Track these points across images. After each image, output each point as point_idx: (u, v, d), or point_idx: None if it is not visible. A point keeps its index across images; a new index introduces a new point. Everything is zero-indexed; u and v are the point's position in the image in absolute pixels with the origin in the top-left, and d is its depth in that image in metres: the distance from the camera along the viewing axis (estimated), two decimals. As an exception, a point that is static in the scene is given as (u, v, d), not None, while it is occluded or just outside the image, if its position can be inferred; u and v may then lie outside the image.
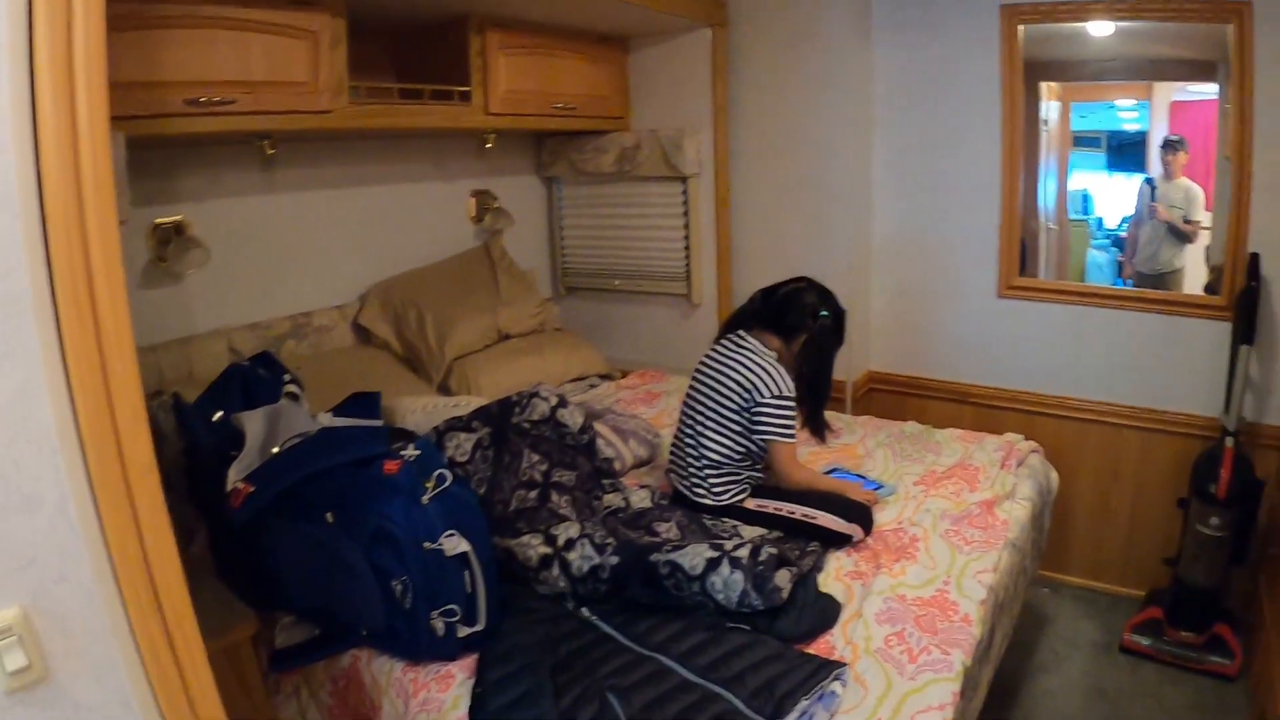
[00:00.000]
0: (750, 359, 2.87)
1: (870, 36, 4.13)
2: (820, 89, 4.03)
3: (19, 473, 1.19)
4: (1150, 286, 3.98)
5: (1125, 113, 4.06)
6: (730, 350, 2.94)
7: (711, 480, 2.90)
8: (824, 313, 2.94)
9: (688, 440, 2.96)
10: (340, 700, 2.39)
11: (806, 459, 3.19)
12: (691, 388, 3.02)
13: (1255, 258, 3.40)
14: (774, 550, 2.40)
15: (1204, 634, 3.46)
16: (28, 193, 1.16)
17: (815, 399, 2.99)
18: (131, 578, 1.30)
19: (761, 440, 2.87)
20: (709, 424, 2.90)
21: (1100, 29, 3.74)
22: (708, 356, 3.01)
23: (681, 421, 3.02)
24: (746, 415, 2.86)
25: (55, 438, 1.22)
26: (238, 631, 2.33)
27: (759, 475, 3.00)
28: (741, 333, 2.98)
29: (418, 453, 2.25)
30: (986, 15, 3.82)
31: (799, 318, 2.94)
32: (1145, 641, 3.56)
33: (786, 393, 2.84)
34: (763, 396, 2.82)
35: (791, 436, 2.87)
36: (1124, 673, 3.52)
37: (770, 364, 2.86)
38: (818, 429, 3.04)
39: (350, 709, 2.37)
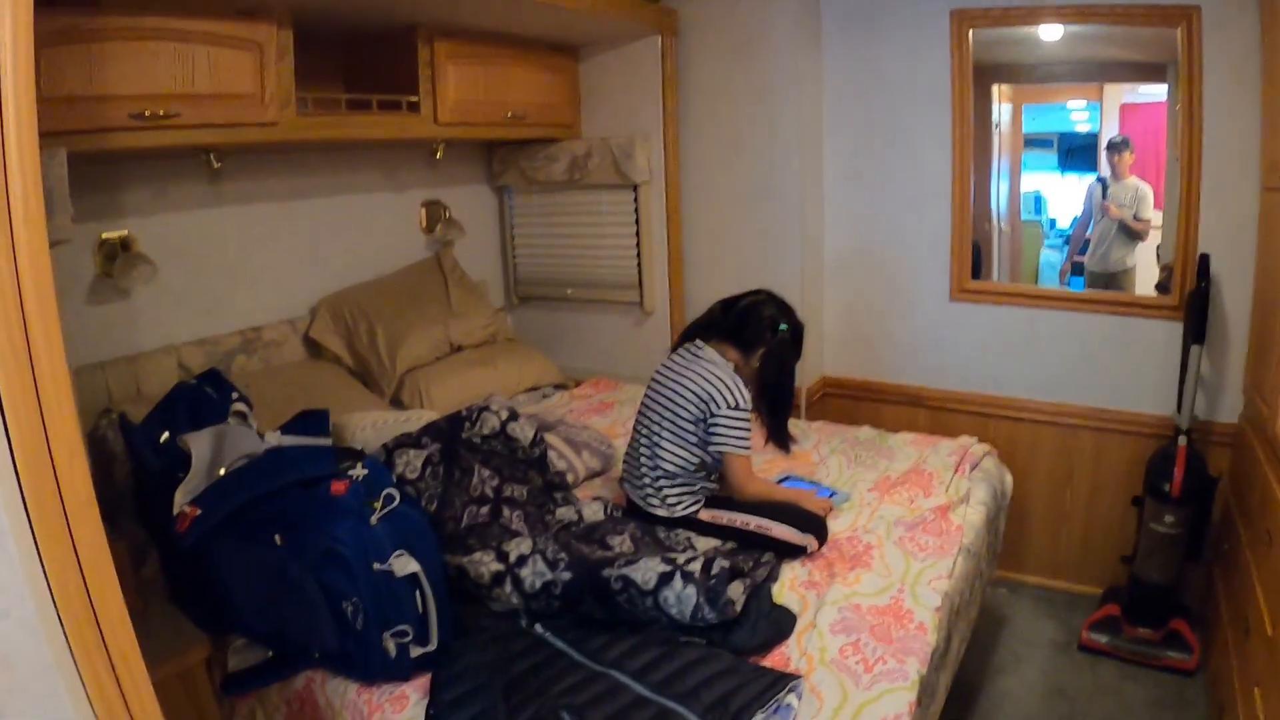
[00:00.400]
0: (707, 370, 2.84)
1: (820, 43, 4.14)
2: (770, 95, 4.04)
3: (-45, 509, 1.15)
4: (1103, 285, 4.02)
5: (1076, 114, 4.10)
6: (687, 360, 2.91)
7: (666, 492, 2.87)
8: (783, 326, 2.91)
9: (643, 451, 2.93)
10: (295, 723, 2.36)
11: (761, 467, 3.19)
12: (647, 397, 2.98)
13: (1205, 258, 3.42)
14: (726, 563, 2.39)
15: (1161, 630, 3.50)
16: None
17: (777, 413, 2.97)
18: (73, 612, 1.27)
19: (716, 452, 2.85)
20: (664, 435, 2.87)
21: (1050, 33, 3.77)
22: (664, 366, 2.98)
23: (636, 431, 2.99)
24: (702, 426, 2.83)
25: (-8, 474, 1.18)
26: (190, 655, 2.30)
27: (713, 486, 2.98)
28: (699, 343, 2.95)
29: (365, 472, 2.22)
30: (936, 20, 3.85)
31: (757, 331, 2.91)
32: (1104, 639, 3.59)
33: (743, 405, 2.81)
34: (719, 408, 2.79)
35: (747, 449, 2.85)
36: (1084, 671, 3.54)
37: (727, 375, 2.83)
38: (782, 442, 3.01)
39: (304, 732, 2.34)
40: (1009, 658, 3.63)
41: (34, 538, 1.22)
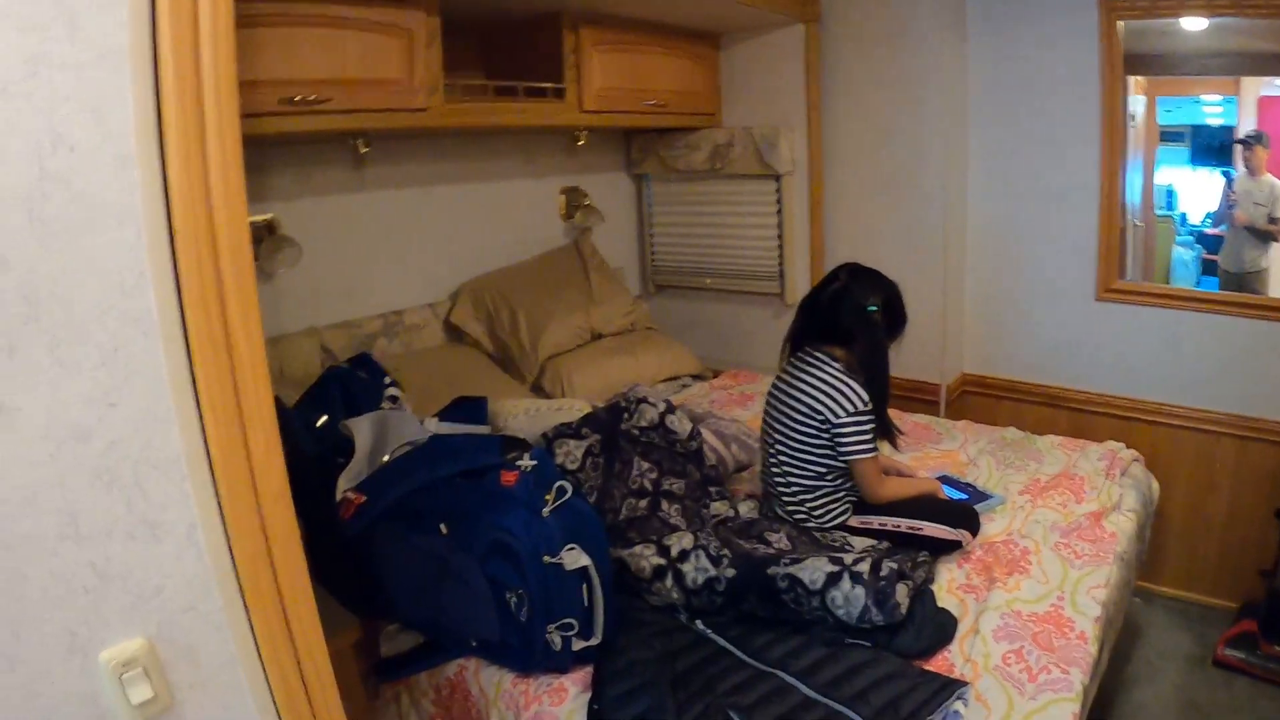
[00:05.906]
0: (818, 379, 2.71)
1: (965, 33, 4.05)
2: (914, 87, 3.96)
3: (145, 500, 1.16)
4: (1235, 286, 3.92)
5: (1210, 107, 3.98)
6: (798, 373, 2.77)
7: (809, 505, 2.79)
8: (871, 307, 2.71)
9: (774, 470, 2.83)
10: (444, 710, 2.37)
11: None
12: (767, 414, 2.88)
13: (1365, 262, 3.31)
14: (894, 564, 2.35)
15: (1300, 649, 3.38)
16: (154, 205, 1.13)
17: (877, 399, 2.75)
18: (263, 606, 1.28)
19: (845, 461, 2.72)
20: (788, 453, 2.77)
21: (1194, 23, 3.65)
22: (778, 380, 2.86)
23: (764, 449, 2.90)
24: (827, 437, 2.71)
25: (184, 463, 1.18)
26: (341, 637, 2.31)
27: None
28: (807, 350, 2.80)
29: (534, 463, 2.21)
30: (1084, 10, 3.72)
31: (849, 322, 2.72)
32: (1239, 655, 3.48)
33: (861, 407, 2.66)
34: (838, 417, 2.66)
35: (872, 450, 2.71)
36: (1218, 687, 3.43)
37: (838, 379, 2.69)
38: (885, 430, 2.82)
39: (453, 719, 2.34)
40: (1143, 669, 3.55)
41: (225, 530, 1.23)
